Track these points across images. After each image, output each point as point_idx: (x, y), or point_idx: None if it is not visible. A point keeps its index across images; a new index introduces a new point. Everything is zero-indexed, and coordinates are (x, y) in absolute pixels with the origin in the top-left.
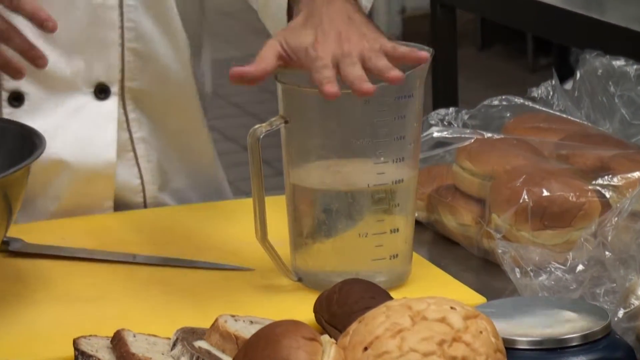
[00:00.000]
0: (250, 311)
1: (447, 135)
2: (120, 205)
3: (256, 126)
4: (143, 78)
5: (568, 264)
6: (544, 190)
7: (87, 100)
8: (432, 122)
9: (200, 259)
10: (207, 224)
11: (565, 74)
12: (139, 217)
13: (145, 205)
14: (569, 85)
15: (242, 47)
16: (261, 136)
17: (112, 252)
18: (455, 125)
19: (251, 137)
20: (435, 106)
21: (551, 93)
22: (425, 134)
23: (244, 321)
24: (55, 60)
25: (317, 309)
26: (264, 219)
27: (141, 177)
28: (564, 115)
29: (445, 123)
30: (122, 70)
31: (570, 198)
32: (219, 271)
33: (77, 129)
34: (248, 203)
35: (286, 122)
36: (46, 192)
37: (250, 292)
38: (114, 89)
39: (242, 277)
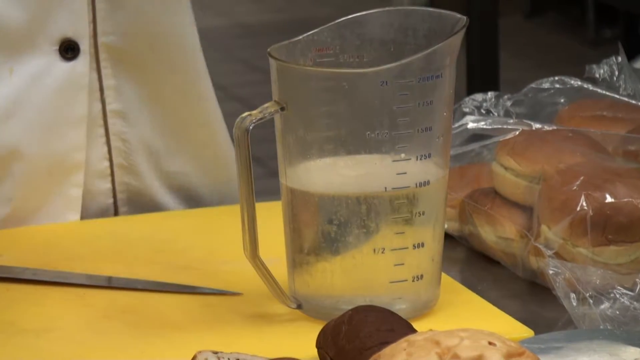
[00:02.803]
0: (237, 346)
1: (485, 127)
2: (83, 192)
3: (244, 114)
4: (121, 31)
5: (637, 289)
6: (608, 196)
7: (50, 62)
8: (466, 109)
9: (174, 281)
10: (184, 236)
11: (635, 48)
12: (100, 226)
13: (114, 194)
14: (639, 64)
15: (228, 14)
16: (250, 127)
17: (64, 272)
18: (496, 113)
19: (238, 129)
20: (471, 90)
21: (617, 73)
22: (457, 124)
23: (229, 359)
24: (7, 10)
25: (321, 344)
26: (254, 231)
27: (110, 160)
28: (633, 102)
29: (482, 111)
30: (94, 21)
31: None
32: (198, 296)
33: (38, 104)
34: (235, 210)
35: (282, 109)
36: None
37: (237, 323)
38: (84, 46)
39: (227, 303)
